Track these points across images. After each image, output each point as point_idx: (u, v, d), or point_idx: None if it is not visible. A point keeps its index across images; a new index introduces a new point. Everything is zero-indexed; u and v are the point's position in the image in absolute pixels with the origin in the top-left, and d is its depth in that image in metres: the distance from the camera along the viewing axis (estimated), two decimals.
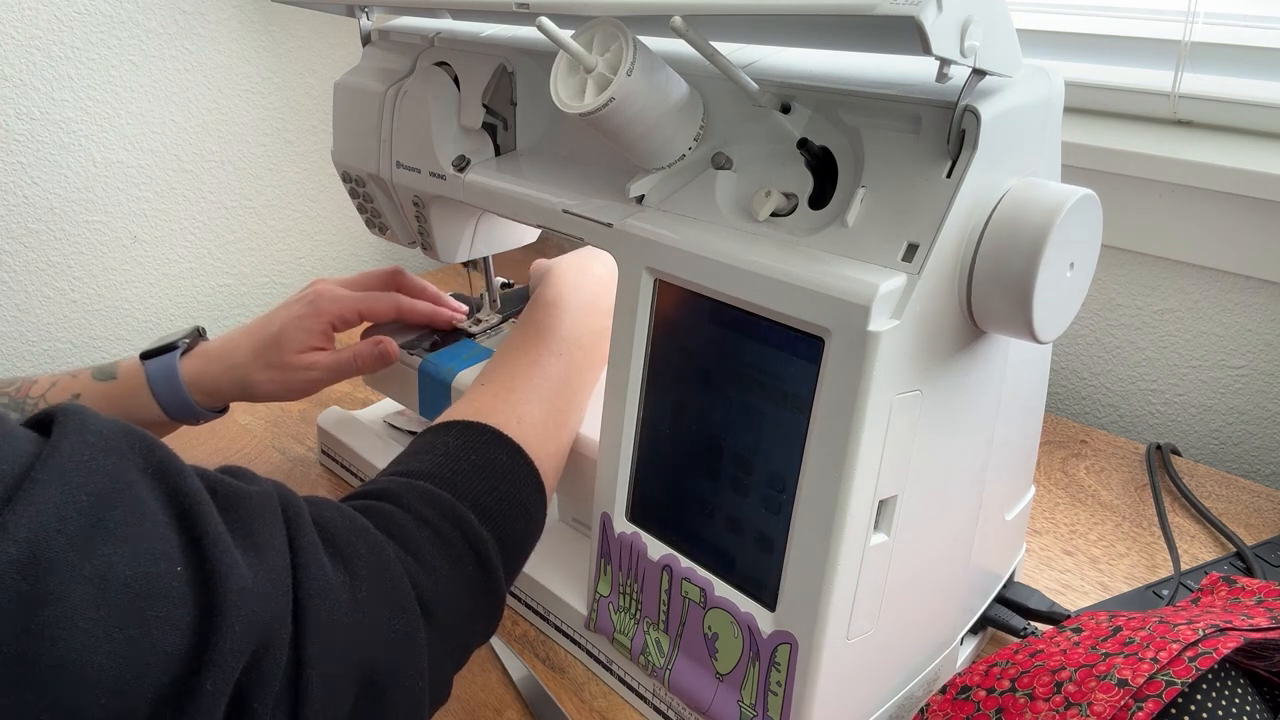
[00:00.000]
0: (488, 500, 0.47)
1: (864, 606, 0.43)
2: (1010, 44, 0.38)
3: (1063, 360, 0.90)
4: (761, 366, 0.44)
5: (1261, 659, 0.43)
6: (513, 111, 0.60)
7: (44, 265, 0.90)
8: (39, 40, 0.84)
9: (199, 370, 0.64)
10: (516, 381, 0.56)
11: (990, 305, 0.41)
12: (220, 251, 1.04)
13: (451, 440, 0.50)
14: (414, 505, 0.43)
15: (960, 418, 0.45)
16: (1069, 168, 0.49)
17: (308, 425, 0.85)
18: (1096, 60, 0.83)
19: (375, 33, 0.69)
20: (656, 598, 0.51)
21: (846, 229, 0.41)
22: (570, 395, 0.58)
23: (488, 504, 0.46)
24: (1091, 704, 0.39)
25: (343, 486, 0.76)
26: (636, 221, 0.48)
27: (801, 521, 0.42)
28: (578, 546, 0.61)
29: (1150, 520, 0.71)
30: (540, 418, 0.54)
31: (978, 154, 0.39)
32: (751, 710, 0.46)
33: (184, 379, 0.63)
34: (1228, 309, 0.78)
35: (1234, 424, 0.81)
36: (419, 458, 0.48)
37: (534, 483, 0.51)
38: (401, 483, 0.45)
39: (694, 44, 0.40)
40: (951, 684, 0.46)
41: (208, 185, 1.00)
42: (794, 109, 0.45)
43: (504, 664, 0.58)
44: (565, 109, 0.44)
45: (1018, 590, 0.59)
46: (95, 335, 0.96)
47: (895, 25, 0.33)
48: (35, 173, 0.87)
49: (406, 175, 0.64)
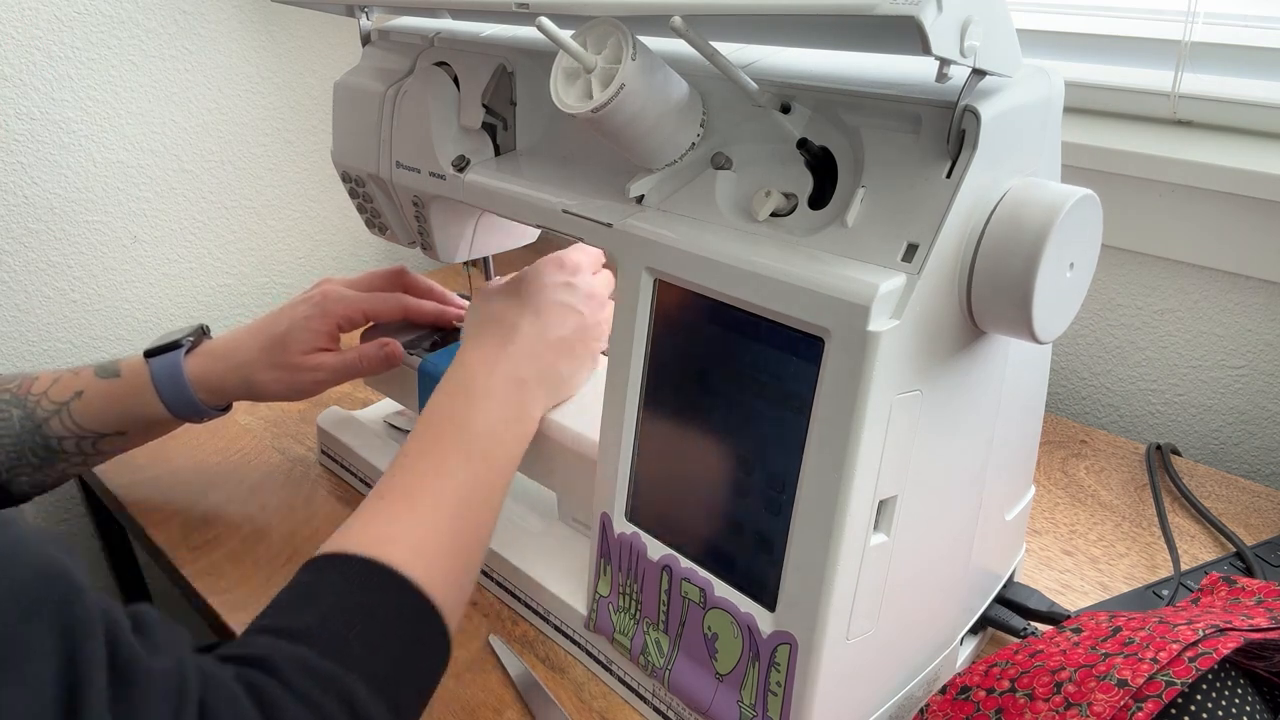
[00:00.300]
0: (380, 665, 0.42)
1: (864, 607, 0.43)
2: (1010, 44, 0.38)
3: (1063, 360, 0.90)
4: (761, 367, 0.44)
5: (1261, 659, 0.43)
6: (512, 111, 0.60)
7: (44, 265, 0.90)
8: (39, 40, 0.84)
9: (204, 369, 0.63)
10: (416, 496, 0.50)
11: (990, 305, 0.41)
12: (220, 251, 1.04)
13: (339, 584, 0.44)
14: (294, 680, 0.38)
15: (960, 418, 0.45)
16: (1069, 168, 0.49)
17: (308, 425, 0.85)
18: (1096, 60, 0.83)
19: (375, 33, 0.69)
20: (656, 598, 0.51)
21: (846, 229, 0.41)
22: (481, 506, 0.52)
23: (380, 670, 0.41)
24: (1091, 704, 0.39)
25: (343, 486, 0.76)
26: (636, 221, 0.48)
27: (801, 522, 0.42)
28: (578, 546, 0.61)
29: (1150, 520, 0.71)
30: (443, 542, 0.48)
31: (978, 154, 0.39)
32: (751, 710, 0.46)
33: (188, 377, 0.63)
34: (1228, 309, 0.78)
35: (1234, 424, 0.81)
36: (302, 609, 0.42)
37: (434, 630, 0.45)
38: (283, 651, 0.40)
39: (694, 44, 0.40)
40: (951, 684, 0.46)
41: (208, 185, 1.00)
42: (794, 109, 0.45)
43: (504, 664, 0.58)
44: (565, 109, 0.44)
45: (1018, 590, 0.59)
46: (95, 335, 0.96)
47: (895, 25, 0.33)
48: (35, 173, 0.87)
49: (406, 175, 0.64)
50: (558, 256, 0.63)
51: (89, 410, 0.63)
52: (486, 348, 0.57)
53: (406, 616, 0.44)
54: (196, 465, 0.80)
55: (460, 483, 0.51)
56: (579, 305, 0.60)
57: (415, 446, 0.53)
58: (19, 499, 0.64)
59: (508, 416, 0.55)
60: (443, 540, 0.48)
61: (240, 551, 0.69)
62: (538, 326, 0.58)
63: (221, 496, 0.75)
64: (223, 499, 0.75)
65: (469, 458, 0.52)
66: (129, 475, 0.78)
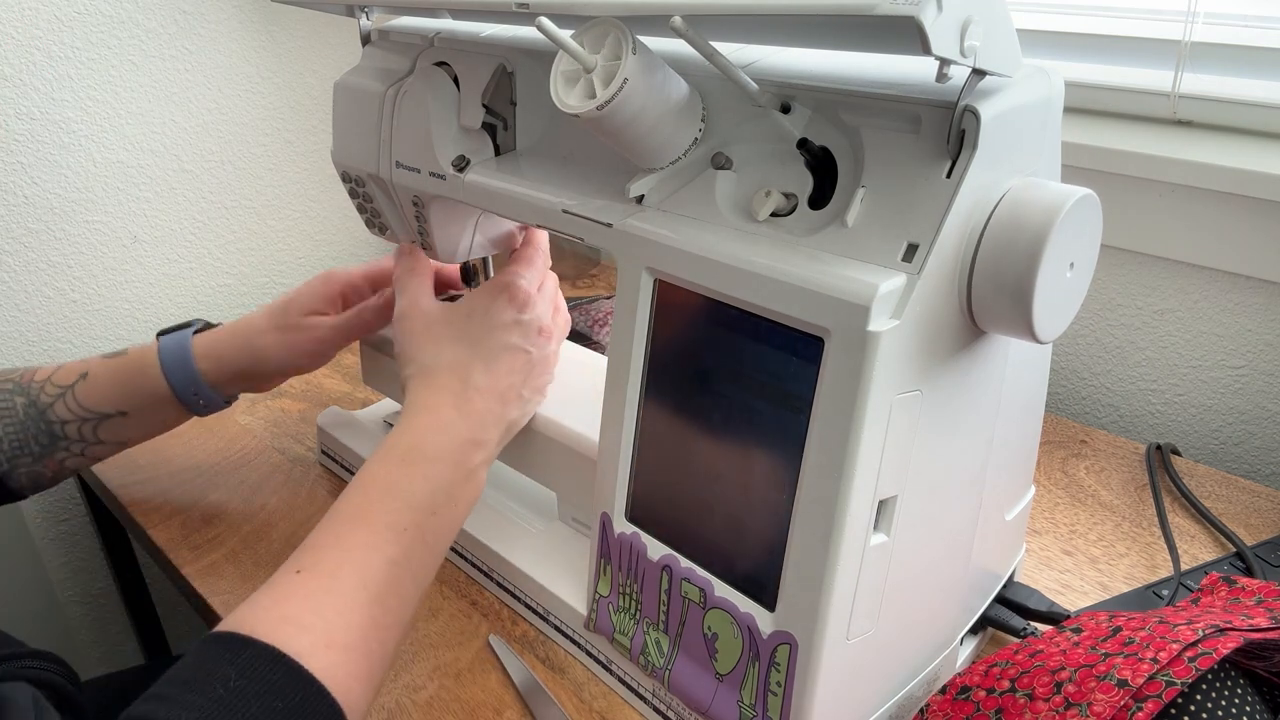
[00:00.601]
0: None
1: (864, 606, 0.43)
2: (1010, 44, 0.38)
3: (1063, 360, 0.90)
4: (761, 367, 0.44)
5: (1261, 659, 0.43)
6: (512, 111, 0.60)
7: (44, 265, 0.90)
8: (39, 40, 0.84)
9: (209, 341, 0.65)
10: (338, 574, 0.44)
11: (990, 305, 0.41)
12: (220, 251, 1.04)
13: (232, 676, 0.39)
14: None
15: (960, 418, 0.45)
16: (1069, 168, 0.49)
17: (308, 425, 0.85)
18: (1096, 60, 0.83)
19: (375, 33, 0.68)
20: (656, 598, 0.51)
21: (846, 229, 0.41)
22: (410, 586, 0.47)
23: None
24: (1091, 704, 0.39)
25: (342, 486, 0.76)
26: (636, 221, 0.48)
27: (801, 521, 0.42)
28: (578, 546, 0.61)
29: (1150, 520, 0.71)
30: (360, 631, 0.43)
31: (978, 154, 0.39)
32: (751, 710, 0.46)
33: (194, 352, 0.64)
34: (1228, 309, 0.78)
35: (1234, 424, 0.81)
36: (187, 698, 0.38)
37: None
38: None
39: (694, 44, 0.40)
40: (951, 684, 0.46)
41: (208, 185, 1.00)
42: (794, 109, 0.45)
43: (504, 664, 0.58)
44: (565, 109, 0.44)
45: (1018, 590, 0.59)
46: (95, 335, 0.96)
47: (895, 25, 0.33)
48: (35, 173, 0.87)
49: (406, 175, 0.64)
50: (509, 288, 0.59)
51: (93, 390, 0.63)
52: (438, 410, 0.53)
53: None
54: (196, 465, 0.80)
55: (391, 560, 0.46)
56: (528, 345, 0.58)
57: (347, 510, 0.47)
58: (16, 495, 0.64)
59: (456, 479, 0.52)
60: (360, 628, 0.43)
61: (240, 551, 0.69)
62: (490, 378, 0.55)
63: (221, 496, 0.75)
64: (223, 499, 0.75)
65: (405, 531, 0.47)
66: (129, 475, 0.78)
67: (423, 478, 0.50)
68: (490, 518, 0.66)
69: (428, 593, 0.64)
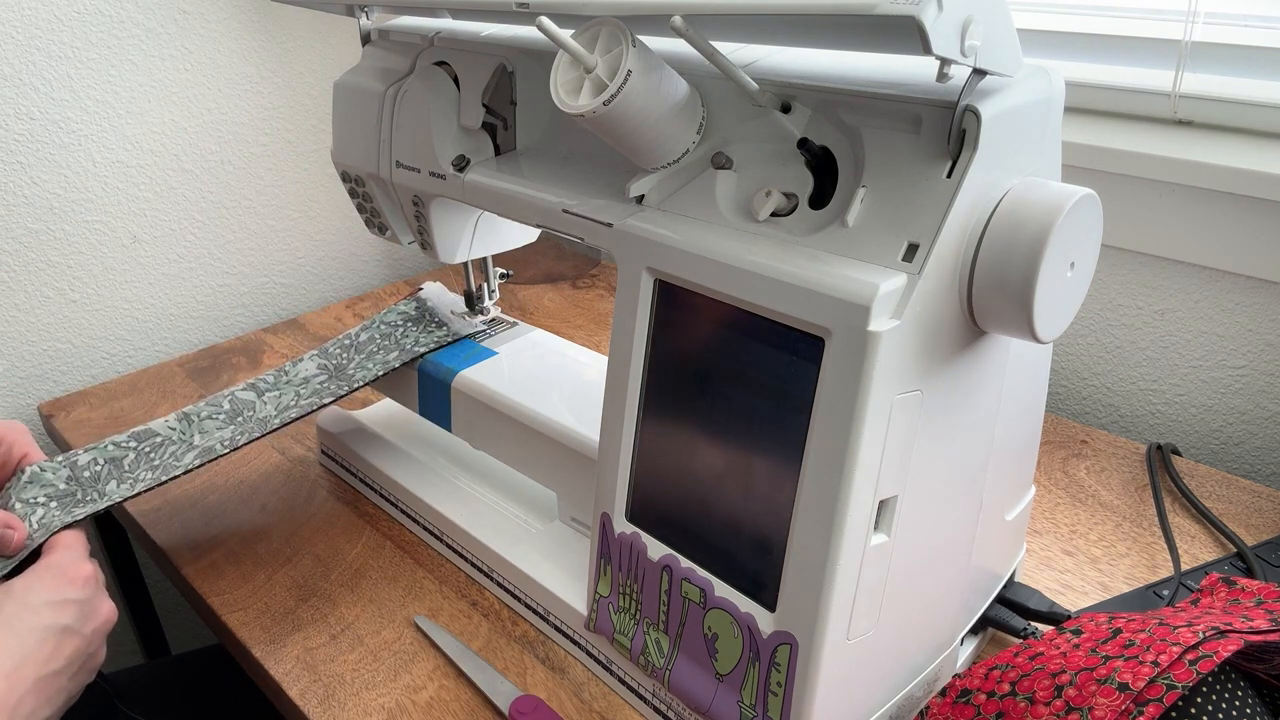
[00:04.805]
0: None
1: (864, 607, 0.43)
2: (1010, 44, 0.38)
3: (1063, 360, 0.90)
4: (761, 366, 0.44)
5: (1261, 662, 0.43)
6: (512, 111, 0.60)
7: (44, 265, 0.90)
8: (39, 40, 0.84)
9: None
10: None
11: (990, 305, 0.41)
12: (220, 251, 1.04)
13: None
14: None
15: (960, 418, 0.45)
16: (1069, 168, 0.49)
17: (308, 425, 0.85)
18: (1097, 60, 0.83)
19: (375, 32, 0.68)
20: (656, 598, 0.51)
21: (846, 229, 0.41)
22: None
23: None
24: (1093, 709, 0.39)
25: (343, 486, 0.76)
26: (636, 221, 0.48)
27: (801, 521, 0.42)
28: (578, 546, 0.61)
29: (1150, 520, 0.71)
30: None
31: (978, 154, 0.39)
32: (751, 711, 0.46)
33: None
34: (1228, 309, 0.78)
35: (1234, 424, 0.81)
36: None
37: None
38: None
39: (694, 44, 0.40)
40: (952, 687, 0.46)
41: (208, 185, 1.00)
42: (794, 109, 0.45)
43: (434, 640, 0.59)
44: (565, 109, 0.44)
45: (1018, 590, 0.59)
46: (95, 335, 0.96)
47: (895, 25, 0.33)
48: (35, 173, 0.87)
49: (406, 175, 0.64)
50: (58, 568, 0.51)
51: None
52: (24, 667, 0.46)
53: None
54: None
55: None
56: (83, 628, 0.50)
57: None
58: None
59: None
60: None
61: (240, 551, 0.69)
62: (38, 668, 0.47)
63: (221, 496, 0.75)
64: (223, 499, 0.75)
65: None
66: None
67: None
68: (490, 518, 0.66)
69: (427, 592, 0.64)
